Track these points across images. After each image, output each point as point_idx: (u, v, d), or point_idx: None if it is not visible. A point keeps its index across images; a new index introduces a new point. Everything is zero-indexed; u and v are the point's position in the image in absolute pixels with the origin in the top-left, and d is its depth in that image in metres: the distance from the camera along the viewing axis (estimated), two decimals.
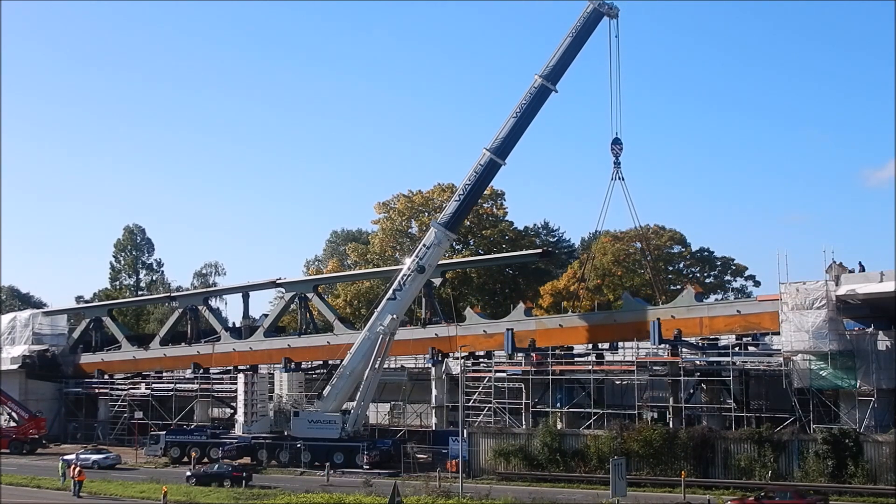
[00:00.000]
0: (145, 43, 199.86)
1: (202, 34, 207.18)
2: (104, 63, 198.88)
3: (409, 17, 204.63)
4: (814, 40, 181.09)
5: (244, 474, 55.34)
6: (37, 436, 77.21)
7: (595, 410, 57.83)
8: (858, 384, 48.53)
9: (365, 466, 59.18)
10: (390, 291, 62.89)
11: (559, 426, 57.09)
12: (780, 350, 51.24)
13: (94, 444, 74.89)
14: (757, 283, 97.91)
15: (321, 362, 75.67)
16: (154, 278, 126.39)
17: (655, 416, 56.75)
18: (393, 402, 73.99)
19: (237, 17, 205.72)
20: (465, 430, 54.36)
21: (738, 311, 56.39)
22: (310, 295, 77.36)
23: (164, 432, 69.71)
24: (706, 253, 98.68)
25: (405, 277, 62.16)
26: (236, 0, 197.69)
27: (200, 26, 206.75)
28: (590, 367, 59.54)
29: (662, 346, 56.43)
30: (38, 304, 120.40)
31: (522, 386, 60.40)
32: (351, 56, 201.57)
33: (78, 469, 53.32)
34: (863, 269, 50.84)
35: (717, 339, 57.59)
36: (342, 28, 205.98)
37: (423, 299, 70.40)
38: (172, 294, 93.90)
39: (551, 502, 45.77)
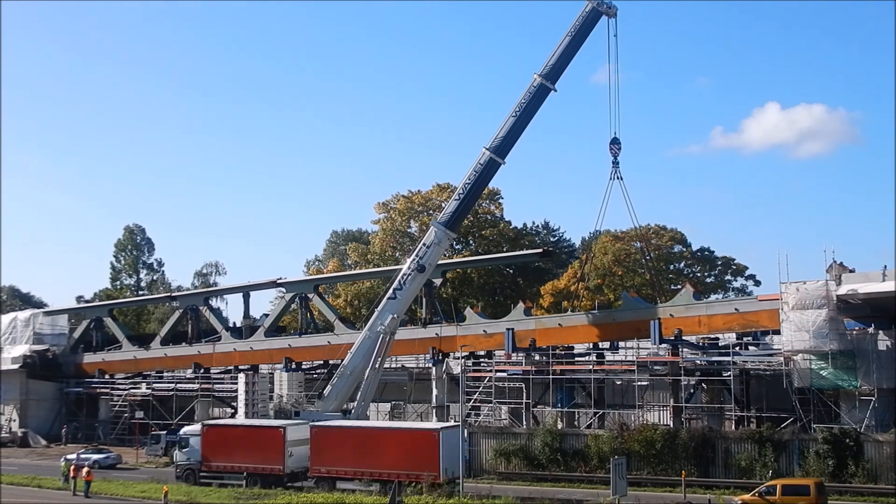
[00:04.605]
0: (145, 42, 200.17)
1: (202, 34, 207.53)
2: (105, 62, 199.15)
3: (409, 17, 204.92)
4: (815, 37, 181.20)
5: None
6: None
7: (595, 410, 57.99)
8: (859, 384, 48.53)
9: None
10: (390, 291, 62.88)
11: (559, 426, 57.14)
12: (780, 350, 51.22)
13: (94, 444, 74.97)
14: (757, 283, 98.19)
15: (322, 362, 75.65)
16: (154, 278, 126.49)
17: None
18: (394, 402, 74.08)
19: (237, 18, 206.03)
20: (465, 430, 54.38)
21: (736, 309, 56.37)
22: (310, 295, 77.38)
23: (164, 432, 69.64)
24: (706, 253, 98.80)
25: (405, 277, 62.17)
26: (236, 0, 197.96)
27: (201, 26, 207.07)
28: (590, 366, 59.59)
29: (663, 345, 56.48)
30: (39, 304, 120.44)
31: (523, 386, 60.43)
32: (351, 56, 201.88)
33: (86, 469, 53.28)
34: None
35: (717, 339, 57.64)
36: (342, 28, 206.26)
37: (424, 299, 70.41)
38: (173, 294, 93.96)
39: (552, 502, 45.74)
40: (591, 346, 62.76)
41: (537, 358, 60.07)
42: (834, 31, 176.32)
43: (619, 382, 61.67)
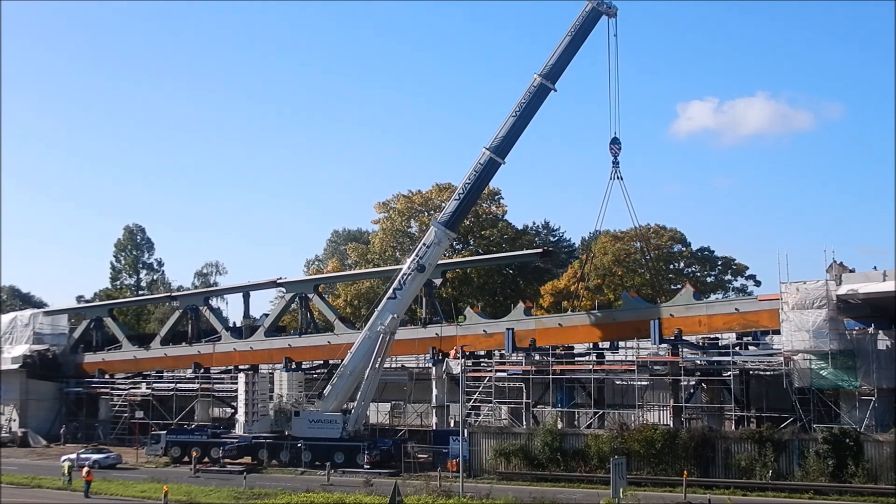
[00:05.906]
0: (145, 43, 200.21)
1: (202, 34, 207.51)
2: (105, 63, 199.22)
3: (409, 17, 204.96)
4: (816, 35, 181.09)
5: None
6: None
7: (595, 410, 58.02)
8: (859, 384, 48.50)
9: (365, 466, 59.19)
10: (391, 290, 62.92)
11: (559, 426, 57.14)
12: (780, 350, 51.20)
13: (94, 444, 74.96)
14: (757, 283, 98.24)
15: (322, 362, 75.69)
16: (155, 278, 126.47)
17: None
18: (393, 402, 74.11)
19: (237, 17, 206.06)
20: (465, 430, 54.38)
21: (736, 308, 56.36)
22: (310, 295, 77.37)
23: (164, 432, 69.71)
24: (706, 252, 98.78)
25: (405, 276, 62.19)
26: (236, 0, 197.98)
27: (200, 26, 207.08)
28: (590, 366, 59.59)
29: (663, 345, 56.47)
30: (39, 304, 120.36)
31: (523, 386, 60.43)
32: (350, 56, 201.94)
33: (87, 469, 53.35)
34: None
35: (717, 339, 57.62)
36: (342, 28, 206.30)
37: (424, 299, 70.43)
38: (173, 294, 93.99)
39: (552, 502, 45.75)
40: (591, 346, 62.74)
41: (537, 358, 60.06)
42: (831, 29, 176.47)
43: (619, 382, 61.66)
